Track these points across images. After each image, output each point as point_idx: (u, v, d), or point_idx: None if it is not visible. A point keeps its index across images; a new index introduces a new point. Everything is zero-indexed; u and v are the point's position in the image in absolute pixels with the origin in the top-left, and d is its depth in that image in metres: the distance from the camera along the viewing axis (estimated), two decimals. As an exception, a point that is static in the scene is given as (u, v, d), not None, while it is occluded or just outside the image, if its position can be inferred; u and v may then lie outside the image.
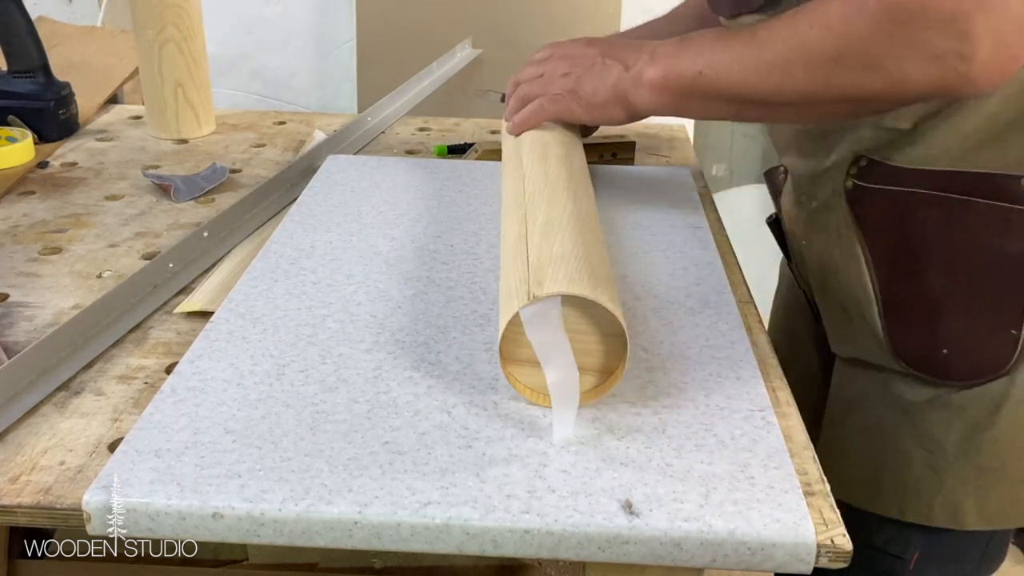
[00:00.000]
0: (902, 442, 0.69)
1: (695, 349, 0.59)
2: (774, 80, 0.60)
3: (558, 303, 0.49)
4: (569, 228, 0.57)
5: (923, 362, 0.67)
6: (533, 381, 0.52)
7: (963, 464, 0.67)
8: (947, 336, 0.65)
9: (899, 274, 0.67)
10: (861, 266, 0.68)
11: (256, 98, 1.88)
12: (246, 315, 0.61)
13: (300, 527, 0.44)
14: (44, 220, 0.82)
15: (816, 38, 0.57)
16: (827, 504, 0.47)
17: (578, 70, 0.73)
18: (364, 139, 1.04)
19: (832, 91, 0.58)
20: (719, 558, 0.44)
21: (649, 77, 0.67)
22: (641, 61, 0.68)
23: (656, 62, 0.67)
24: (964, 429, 0.67)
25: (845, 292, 0.71)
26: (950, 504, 0.68)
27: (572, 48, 0.76)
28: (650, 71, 0.67)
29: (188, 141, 1.05)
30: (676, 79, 0.65)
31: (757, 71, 0.60)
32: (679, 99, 0.66)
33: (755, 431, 0.51)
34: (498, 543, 0.44)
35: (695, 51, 0.65)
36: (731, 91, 0.62)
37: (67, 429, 0.53)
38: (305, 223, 0.76)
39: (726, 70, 0.62)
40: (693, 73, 0.64)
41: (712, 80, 0.63)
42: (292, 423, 0.50)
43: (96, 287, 0.70)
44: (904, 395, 0.69)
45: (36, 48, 1.00)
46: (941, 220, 0.64)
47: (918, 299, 0.66)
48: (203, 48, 1.05)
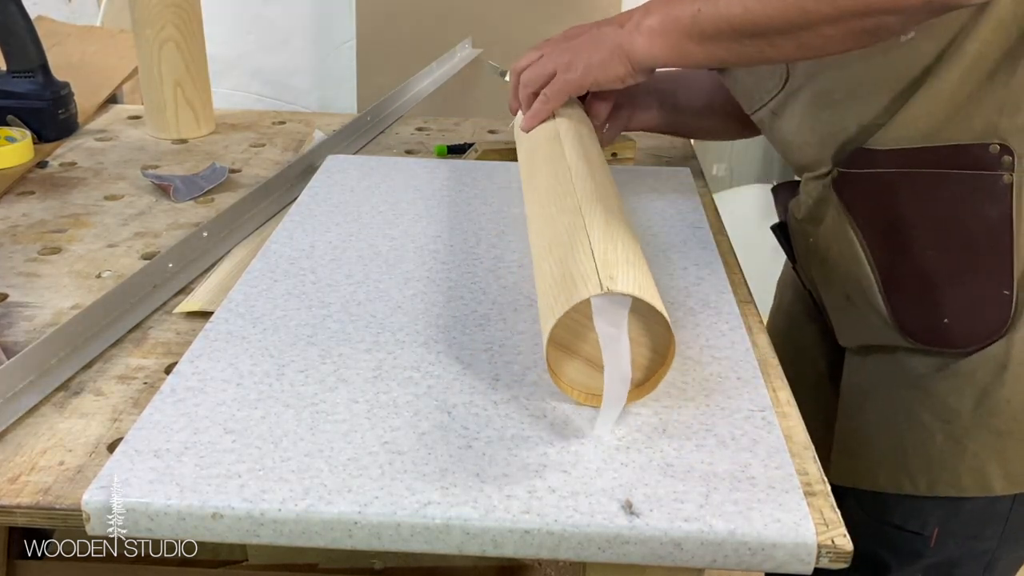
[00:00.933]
0: (920, 416, 0.70)
1: (695, 349, 0.59)
2: (776, 4, 0.60)
3: (628, 302, 0.49)
4: (627, 232, 0.58)
5: (927, 334, 0.68)
6: (571, 375, 0.52)
7: (981, 429, 0.69)
8: (946, 305, 0.67)
9: (892, 252, 0.68)
10: (857, 250, 0.70)
11: (255, 98, 1.88)
12: (246, 315, 0.61)
13: (300, 527, 0.44)
14: (43, 220, 0.82)
15: None
16: (827, 504, 0.47)
17: (574, 43, 0.74)
18: (364, 139, 1.04)
19: (838, 5, 0.58)
20: (719, 558, 0.44)
21: (647, 24, 0.67)
22: (636, 15, 0.69)
23: (651, 11, 0.68)
24: (976, 394, 0.68)
25: (846, 279, 0.72)
26: (975, 471, 0.70)
27: (570, 30, 0.78)
28: (646, 20, 0.68)
29: (187, 141, 1.05)
30: (673, 21, 0.66)
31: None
32: (678, 42, 0.66)
33: (755, 431, 0.51)
34: (498, 543, 0.44)
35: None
36: (731, 24, 0.62)
37: (66, 429, 0.53)
38: (305, 223, 0.76)
39: (724, 3, 0.62)
40: (691, 12, 0.64)
41: (711, 15, 0.63)
42: (292, 423, 0.50)
43: (95, 287, 0.70)
44: (916, 369, 0.70)
45: (35, 48, 1.00)
46: (922, 195, 0.66)
47: (914, 274, 0.68)
48: (202, 48, 1.05)
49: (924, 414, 0.70)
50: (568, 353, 0.52)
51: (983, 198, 0.65)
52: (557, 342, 0.51)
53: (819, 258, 0.75)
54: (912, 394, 0.71)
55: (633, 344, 0.50)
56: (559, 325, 0.50)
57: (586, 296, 0.49)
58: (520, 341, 0.59)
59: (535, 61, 0.76)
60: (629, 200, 0.82)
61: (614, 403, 0.50)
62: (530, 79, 0.76)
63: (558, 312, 0.49)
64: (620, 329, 0.49)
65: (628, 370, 0.49)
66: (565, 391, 0.52)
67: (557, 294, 0.51)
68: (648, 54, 0.68)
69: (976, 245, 0.66)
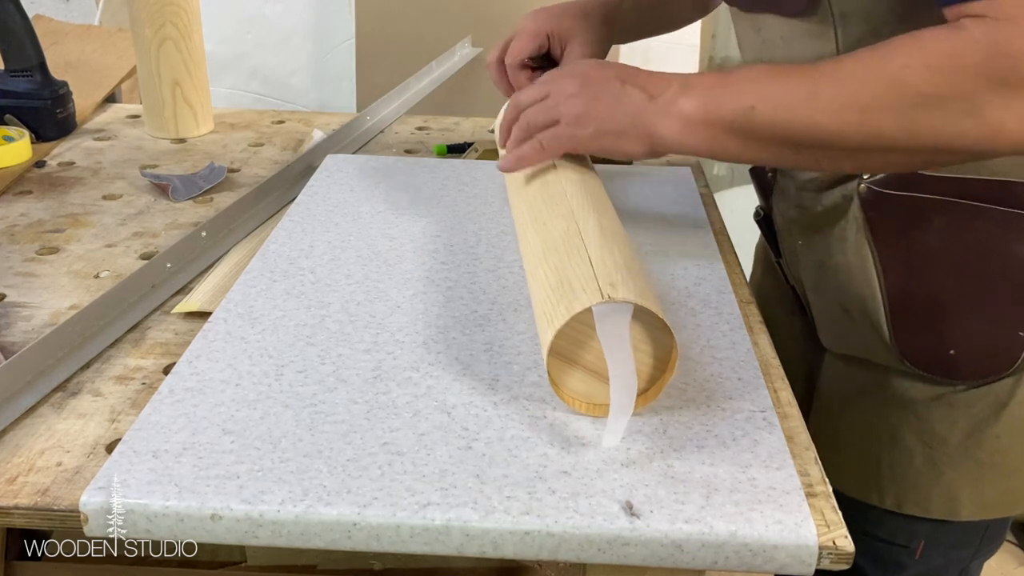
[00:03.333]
0: (903, 437, 0.70)
1: (696, 349, 0.58)
2: (850, 121, 0.53)
3: (630, 310, 0.48)
4: (624, 239, 0.57)
5: (930, 362, 0.67)
6: (573, 384, 0.52)
7: (964, 459, 0.68)
8: (955, 337, 0.65)
9: (909, 277, 0.66)
10: (869, 268, 0.67)
11: (254, 97, 1.88)
12: (244, 315, 0.61)
13: (299, 528, 0.44)
14: (41, 220, 0.82)
15: (915, 77, 0.51)
16: (829, 505, 0.46)
17: (589, 91, 0.64)
18: (363, 138, 1.04)
19: (918, 137, 0.52)
20: (720, 560, 0.44)
21: (683, 109, 0.59)
22: (670, 91, 0.60)
23: (691, 93, 0.59)
24: (968, 426, 0.67)
25: (846, 292, 0.70)
26: (947, 496, 0.69)
27: (582, 67, 0.67)
28: (684, 102, 0.59)
29: (186, 140, 1.04)
30: (717, 113, 0.58)
31: (829, 110, 0.54)
32: (718, 136, 0.58)
33: (756, 432, 0.51)
34: (498, 544, 0.44)
35: (745, 84, 0.57)
36: (789, 131, 0.56)
37: (64, 430, 0.53)
38: (304, 223, 0.76)
39: (786, 107, 0.55)
40: (742, 107, 0.57)
41: (766, 117, 0.56)
42: (291, 424, 0.50)
43: (94, 287, 0.70)
44: (907, 393, 0.69)
45: (33, 47, 1.00)
46: (955, 225, 0.64)
47: (927, 301, 0.66)
48: (201, 47, 1.05)
49: (908, 435, 0.69)
50: (568, 363, 0.51)
51: (1017, 237, 0.63)
52: (557, 352, 0.51)
53: (814, 263, 0.73)
54: (899, 415, 0.70)
55: (635, 352, 0.50)
56: (560, 335, 0.49)
57: (587, 305, 0.48)
58: (520, 341, 0.59)
59: (540, 100, 0.66)
60: (629, 199, 0.81)
61: (622, 412, 0.49)
62: (532, 122, 0.66)
63: (558, 322, 0.49)
64: (623, 337, 0.48)
65: (634, 378, 0.49)
66: (567, 402, 0.52)
67: (556, 302, 0.50)
68: (677, 142, 0.60)
69: (998, 282, 0.64)
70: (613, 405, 0.49)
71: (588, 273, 0.51)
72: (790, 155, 0.58)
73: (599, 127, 0.62)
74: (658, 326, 0.49)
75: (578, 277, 0.51)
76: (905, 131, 0.52)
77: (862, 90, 0.53)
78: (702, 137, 0.59)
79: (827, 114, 0.54)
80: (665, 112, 0.59)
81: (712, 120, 0.58)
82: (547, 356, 0.50)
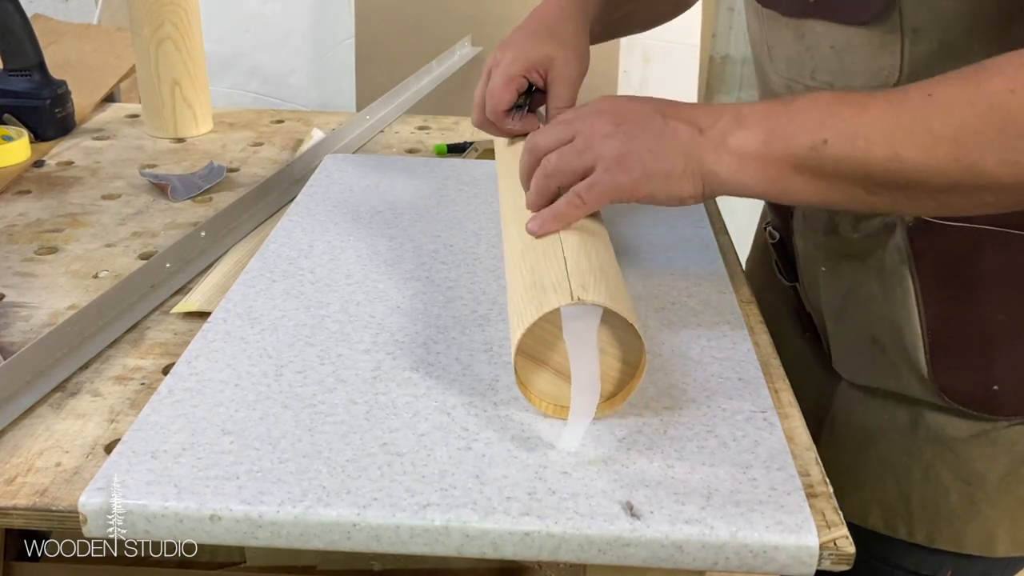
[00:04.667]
0: (938, 474, 0.66)
1: (696, 349, 0.58)
2: (942, 157, 0.47)
3: (599, 312, 0.48)
4: (602, 241, 0.56)
5: (971, 398, 0.63)
6: (541, 385, 0.51)
7: (1003, 496, 0.65)
8: (999, 373, 0.62)
9: (953, 310, 0.62)
10: (909, 299, 0.62)
11: (254, 96, 1.87)
12: (244, 315, 0.61)
13: (298, 529, 0.44)
14: (40, 219, 0.82)
15: (1022, 104, 0.45)
16: (830, 506, 0.46)
17: (627, 129, 0.55)
18: (363, 138, 1.04)
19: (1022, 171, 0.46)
20: (721, 560, 0.44)
21: (740, 142, 0.52)
22: (722, 122, 0.53)
23: (748, 124, 0.52)
24: (1010, 463, 0.64)
25: (879, 323, 0.65)
26: (984, 533, 0.66)
27: (611, 103, 0.58)
28: (741, 135, 0.52)
29: (185, 140, 1.04)
30: (783, 147, 0.50)
31: (917, 144, 0.47)
32: (782, 174, 0.51)
33: (757, 432, 0.50)
34: (498, 545, 0.44)
35: (814, 113, 0.50)
36: (868, 169, 0.49)
37: (63, 430, 0.53)
38: (303, 222, 0.75)
39: (866, 140, 0.48)
40: (812, 141, 0.49)
41: (840, 152, 0.49)
42: (290, 424, 0.50)
43: (93, 287, 0.70)
44: (943, 429, 0.65)
45: (32, 46, 1.00)
46: (1006, 256, 0.60)
47: (970, 335, 0.62)
48: (200, 46, 1.05)
49: (944, 473, 0.66)
50: (537, 363, 0.51)
51: None
52: (526, 352, 0.50)
53: (840, 291, 0.68)
54: (934, 451, 0.66)
55: (603, 355, 0.49)
56: (528, 334, 0.49)
57: (556, 305, 0.48)
58: (520, 341, 0.58)
59: (567, 142, 0.56)
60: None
61: (582, 415, 0.48)
62: (559, 169, 0.56)
63: (527, 321, 0.48)
64: (590, 339, 0.47)
65: (597, 382, 0.48)
66: (534, 403, 0.51)
67: (527, 302, 0.50)
68: (733, 181, 0.52)
69: None
70: (573, 408, 0.48)
71: (561, 274, 0.50)
72: (864, 196, 0.51)
73: (645, 169, 0.53)
74: (628, 331, 0.49)
75: (551, 277, 0.51)
76: (1008, 166, 0.46)
77: (957, 119, 0.46)
78: (763, 175, 0.51)
79: (915, 148, 0.47)
80: (719, 146, 0.52)
81: (776, 156, 0.51)
82: (515, 355, 0.49)
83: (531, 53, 0.68)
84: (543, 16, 0.71)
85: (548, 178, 0.57)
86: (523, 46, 0.69)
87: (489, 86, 0.68)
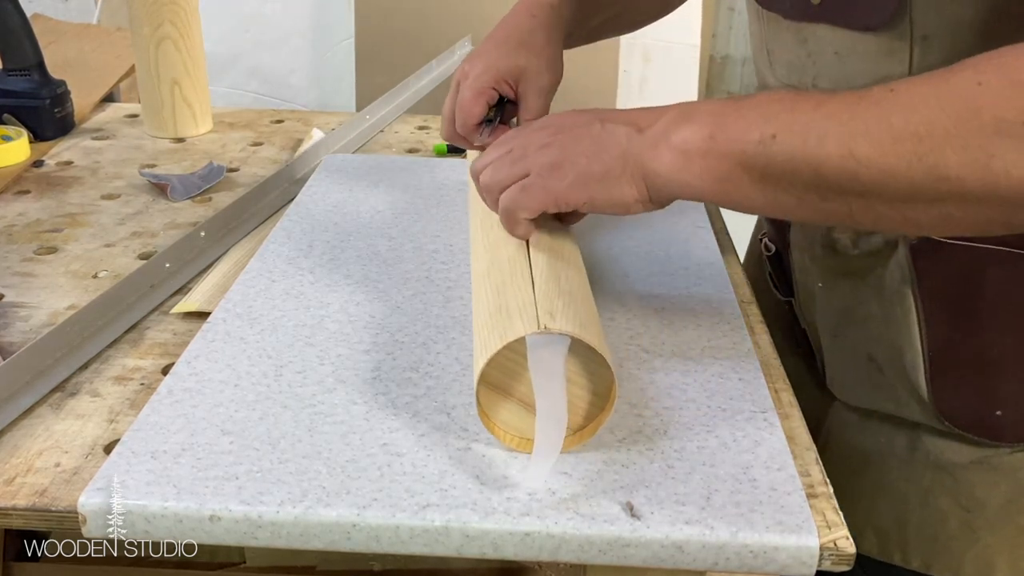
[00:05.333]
0: (936, 500, 0.64)
1: (697, 350, 0.58)
2: (902, 155, 0.42)
3: (567, 342, 0.45)
4: (574, 263, 0.54)
5: (973, 423, 0.61)
6: (505, 416, 0.49)
7: (1004, 524, 0.63)
8: (1003, 397, 0.60)
9: (955, 332, 0.59)
10: (910, 319, 0.60)
11: (253, 96, 1.87)
12: (243, 315, 0.61)
13: (298, 530, 0.44)
14: (39, 219, 0.82)
15: (994, 97, 0.40)
16: (830, 506, 0.46)
17: (563, 136, 0.53)
18: (362, 138, 1.04)
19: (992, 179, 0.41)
20: (721, 561, 0.44)
21: (682, 138, 0.48)
22: (664, 119, 0.50)
23: (693, 119, 0.49)
24: (1011, 491, 0.62)
25: (877, 344, 0.63)
26: (982, 560, 0.64)
27: (553, 117, 0.57)
28: (681, 131, 0.48)
29: (185, 140, 1.04)
30: (727, 143, 0.47)
31: (875, 140, 0.43)
32: (729, 173, 0.47)
33: (757, 432, 0.50)
34: (498, 546, 0.44)
35: (764, 108, 0.47)
36: (819, 170, 0.45)
37: (63, 431, 0.53)
38: (303, 222, 0.75)
39: (819, 136, 0.44)
40: (760, 136, 0.46)
41: (791, 148, 0.45)
42: (290, 424, 0.50)
43: (92, 287, 0.70)
44: (943, 454, 0.63)
45: (31, 46, 1.00)
46: (1013, 278, 0.58)
47: (974, 358, 0.59)
48: (200, 46, 1.05)
49: (943, 498, 0.64)
50: (501, 394, 0.48)
51: None
52: (489, 382, 0.47)
53: (837, 309, 0.66)
54: (932, 476, 0.64)
55: (571, 386, 0.46)
56: (491, 364, 0.46)
57: (521, 334, 0.45)
58: (520, 341, 0.58)
59: (499, 158, 0.55)
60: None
61: (548, 450, 0.45)
62: (494, 181, 0.54)
63: (491, 349, 0.45)
64: (557, 372, 0.44)
65: (564, 414, 0.45)
66: (497, 435, 0.48)
67: (491, 328, 0.47)
68: (676, 179, 0.49)
69: None
70: (538, 442, 0.45)
71: (529, 298, 0.48)
72: (817, 202, 0.46)
73: (580, 174, 0.51)
74: (598, 360, 0.46)
75: (518, 301, 0.48)
76: (975, 168, 0.41)
77: (920, 114, 0.42)
78: (708, 173, 0.48)
79: (871, 145, 0.43)
80: (658, 142, 0.49)
81: (720, 151, 0.47)
82: (477, 385, 0.46)
83: (501, 64, 0.66)
84: (513, 25, 0.69)
85: (486, 192, 0.55)
86: (492, 57, 0.67)
87: (459, 99, 0.67)
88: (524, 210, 0.53)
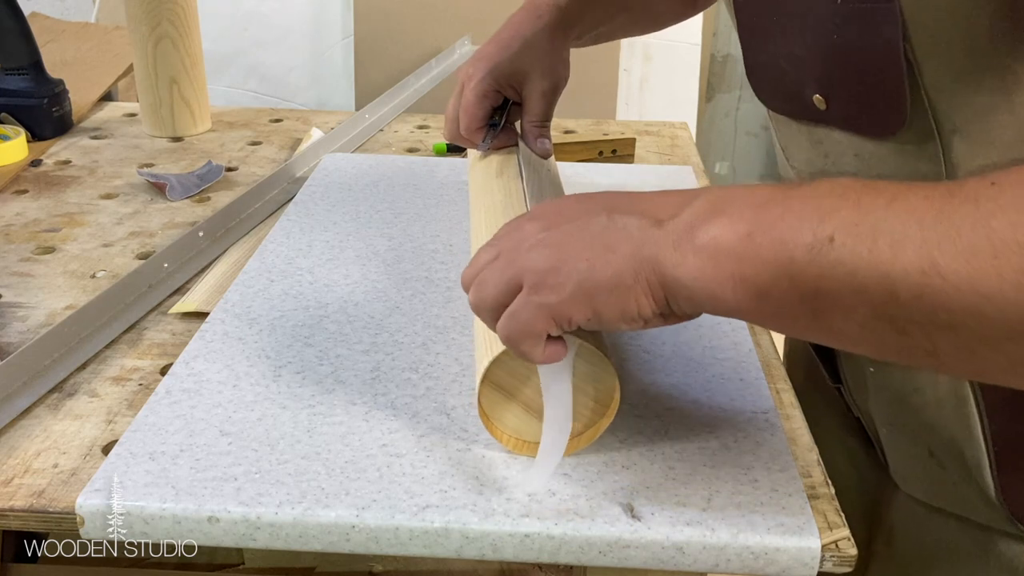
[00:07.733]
0: None
1: (697, 350, 0.58)
2: (1006, 272, 0.31)
3: (576, 344, 0.44)
4: None
5: None
6: (506, 419, 0.48)
7: None
8: None
9: (1021, 421, 0.51)
10: (969, 411, 0.51)
11: (252, 95, 1.87)
12: (242, 316, 0.61)
13: (297, 531, 0.44)
14: (37, 219, 0.81)
15: None
16: (831, 508, 0.46)
17: (560, 231, 0.42)
18: (362, 137, 1.04)
19: None
20: (722, 562, 0.44)
21: (711, 236, 0.37)
22: (689, 210, 0.39)
23: (725, 212, 0.38)
24: None
25: (934, 435, 0.54)
26: None
27: (552, 204, 0.46)
28: (715, 225, 0.38)
29: (183, 139, 1.04)
30: (770, 246, 0.36)
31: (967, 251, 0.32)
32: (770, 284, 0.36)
33: (758, 433, 0.50)
34: (497, 547, 0.44)
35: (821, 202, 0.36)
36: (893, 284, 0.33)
37: (60, 431, 0.52)
38: (302, 222, 0.75)
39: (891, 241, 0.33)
40: (813, 239, 0.35)
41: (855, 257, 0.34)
42: (289, 425, 0.50)
43: (90, 287, 0.69)
44: (1019, 559, 0.54)
45: (29, 45, 0.99)
46: None
47: None
48: (198, 45, 1.05)
49: None
50: (505, 395, 0.47)
51: None
52: (493, 381, 0.47)
53: (890, 396, 0.57)
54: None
55: (576, 392, 0.46)
56: (498, 364, 0.45)
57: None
58: (520, 342, 0.58)
59: (488, 264, 0.44)
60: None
61: (551, 454, 0.45)
62: (479, 304, 0.44)
63: (496, 349, 0.45)
64: (564, 375, 0.44)
65: (569, 420, 0.45)
66: (495, 435, 0.48)
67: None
68: (703, 291, 0.38)
69: None
70: (543, 445, 0.45)
71: None
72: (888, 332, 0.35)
73: (581, 284, 0.40)
74: (603, 367, 0.46)
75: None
76: None
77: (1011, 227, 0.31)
78: (741, 285, 0.37)
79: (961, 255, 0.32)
80: (681, 242, 0.38)
81: (760, 256, 0.36)
82: (480, 384, 0.46)
83: (505, 67, 0.65)
84: (519, 26, 0.68)
85: (477, 314, 0.45)
86: (496, 59, 0.66)
87: (462, 101, 0.66)
88: (525, 341, 0.42)
